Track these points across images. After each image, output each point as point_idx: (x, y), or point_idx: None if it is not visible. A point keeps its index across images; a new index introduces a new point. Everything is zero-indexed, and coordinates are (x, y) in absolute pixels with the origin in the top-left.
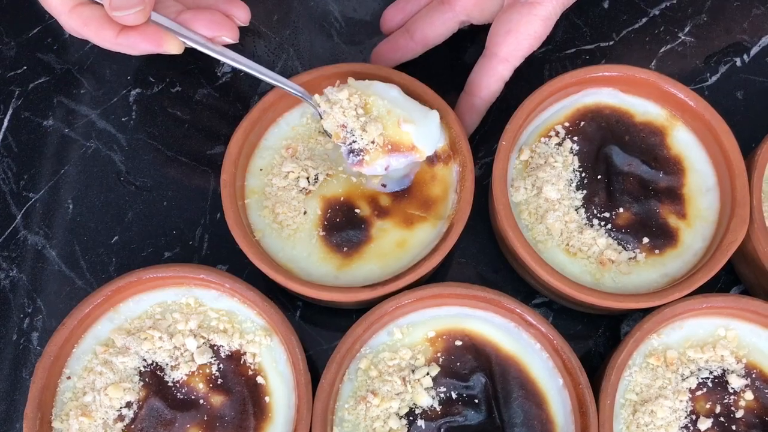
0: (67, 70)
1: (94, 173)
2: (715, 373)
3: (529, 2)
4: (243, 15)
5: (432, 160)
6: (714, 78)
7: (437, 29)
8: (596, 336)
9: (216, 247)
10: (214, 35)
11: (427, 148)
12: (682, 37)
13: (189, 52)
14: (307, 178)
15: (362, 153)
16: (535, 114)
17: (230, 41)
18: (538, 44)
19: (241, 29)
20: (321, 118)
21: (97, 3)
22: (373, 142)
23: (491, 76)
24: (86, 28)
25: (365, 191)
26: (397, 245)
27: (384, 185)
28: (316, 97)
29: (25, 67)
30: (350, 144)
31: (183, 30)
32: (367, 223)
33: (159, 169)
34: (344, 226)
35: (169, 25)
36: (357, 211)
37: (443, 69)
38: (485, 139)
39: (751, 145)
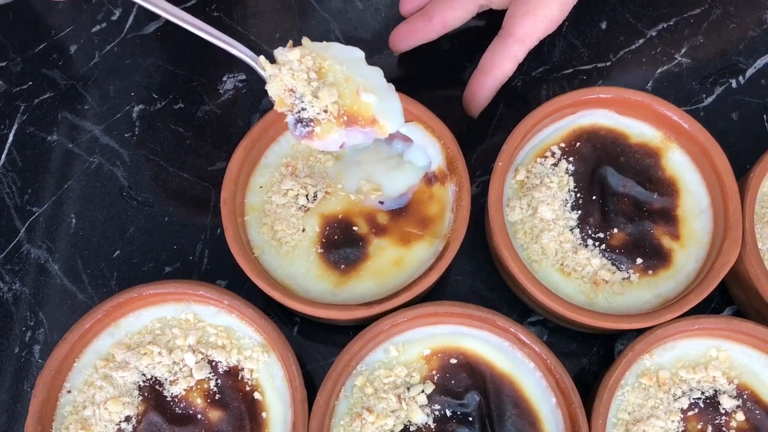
0: (71, 86)
1: (96, 188)
2: (707, 394)
3: None
4: None
5: (430, 179)
6: (710, 99)
7: (456, 12)
8: (590, 354)
9: (216, 262)
10: None
11: (390, 123)
12: (679, 58)
13: (191, 69)
14: (306, 196)
15: (312, 123)
16: (531, 134)
17: None
18: (554, 27)
19: (248, 45)
20: (266, 82)
21: None
22: (325, 111)
23: (506, 55)
24: None
25: (363, 209)
26: (394, 263)
27: (381, 203)
28: (262, 58)
29: (30, 83)
30: (298, 112)
31: None
32: (364, 240)
33: (161, 185)
34: (342, 243)
35: None
36: (355, 228)
37: (439, 85)
38: (483, 158)
39: (746, 166)
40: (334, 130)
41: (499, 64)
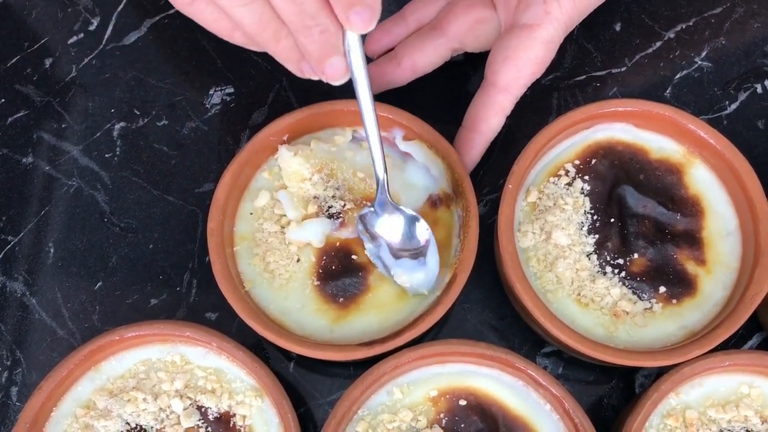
0: (47, 103)
1: (76, 214)
2: None
3: (528, 25)
4: None
5: (434, 202)
6: (733, 106)
7: (428, 56)
8: (609, 386)
9: (205, 293)
10: None
11: (405, 195)
12: (699, 62)
13: (175, 82)
14: None
15: (341, 215)
16: (543, 152)
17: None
18: (542, 70)
19: (232, 59)
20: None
21: None
22: (344, 205)
23: (490, 107)
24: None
25: None
26: (396, 295)
27: None
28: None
29: (2, 100)
30: (327, 211)
31: None
32: (364, 270)
33: (144, 209)
34: (340, 274)
35: None
36: (354, 257)
37: (443, 98)
38: (489, 175)
39: None
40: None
41: (485, 118)
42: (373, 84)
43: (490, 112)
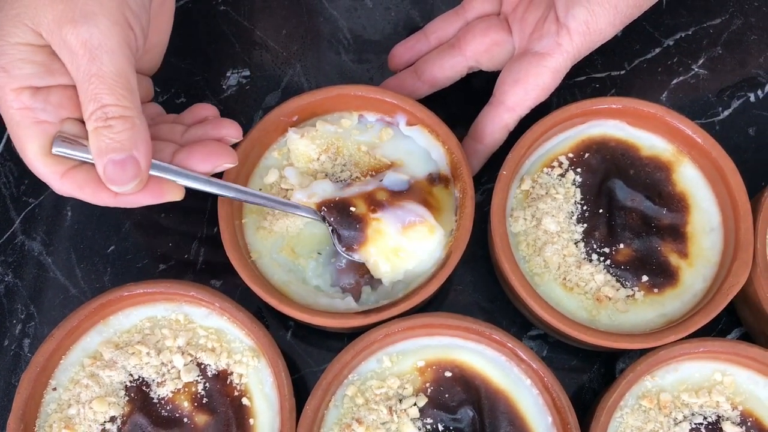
0: None
1: None
2: (710, 419)
3: (540, 53)
4: (234, 132)
5: (433, 179)
6: (726, 112)
7: (446, 72)
8: (591, 372)
9: (211, 262)
10: (215, 167)
11: (407, 161)
12: (696, 69)
13: (195, 63)
14: None
15: (349, 182)
16: (538, 143)
17: (231, 166)
18: (546, 95)
19: (249, 43)
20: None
21: (90, 164)
22: (350, 175)
23: (496, 123)
24: (81, 191)
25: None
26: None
27: (381, 180)
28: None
29: None
30: (336, 181)
31: (182, 171)
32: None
33: None
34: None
35: (164, 171)
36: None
37: (445, 91)
38: (488, 165)
39: (760, 184)
40: (367, 181)
41: (490, 132)
42: None
43: (496, 128)
